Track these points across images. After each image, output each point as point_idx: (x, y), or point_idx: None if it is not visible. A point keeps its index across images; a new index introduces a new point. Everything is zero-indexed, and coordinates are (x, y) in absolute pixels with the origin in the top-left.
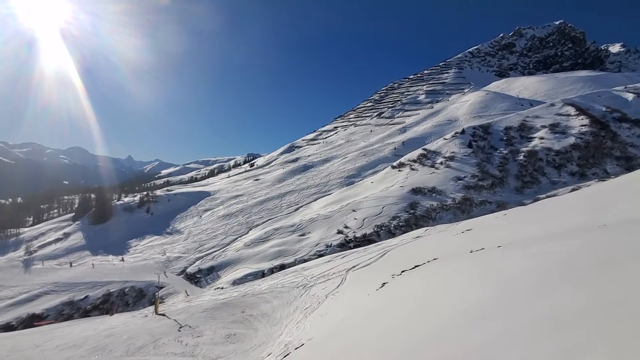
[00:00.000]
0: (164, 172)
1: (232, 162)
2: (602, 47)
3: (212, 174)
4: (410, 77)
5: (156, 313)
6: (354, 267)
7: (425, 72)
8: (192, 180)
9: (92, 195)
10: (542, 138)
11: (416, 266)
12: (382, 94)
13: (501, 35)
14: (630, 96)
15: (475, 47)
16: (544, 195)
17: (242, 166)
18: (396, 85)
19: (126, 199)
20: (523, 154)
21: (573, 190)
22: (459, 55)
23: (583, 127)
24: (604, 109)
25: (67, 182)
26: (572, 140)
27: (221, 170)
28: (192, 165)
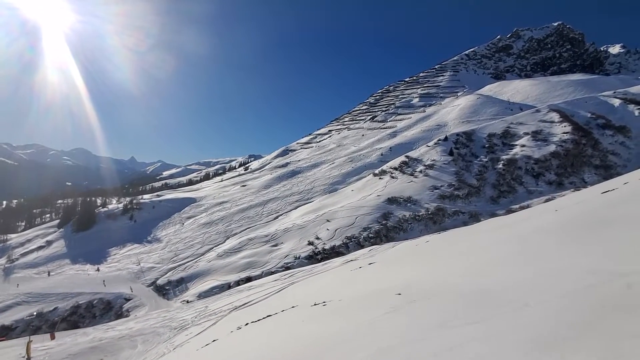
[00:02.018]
0: (166, 173)
1: (232, 164)
2: (602, 49)
3: (207, 177)
4: (407, 79)
5: (27, 357)
6: (244, 304)
7: (421, 74)
8: (190, 182)
9: (87, 200)
10: (523, 146)
11: (268, 316)
12: (378, 97)
13: (498, 37)
14: (617, 102)
15: (472, 49)
16: (517, 206)
17: (237, 169)
18: (392, 88)
19: (110, 206)
20: (502, 162)
21: (547, 200)
22: (455, 58)
23: (565, 134)
24: (589, 115)
25: (70, 184)
26: (552, 148)
27: (217, 173)
28: (193, 167)
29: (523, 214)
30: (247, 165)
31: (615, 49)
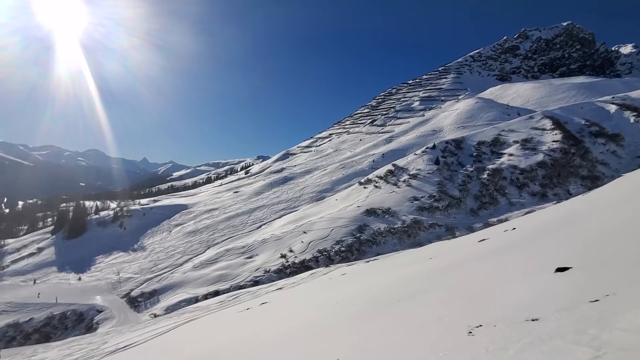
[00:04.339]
0: (176, 174)
1: (240, 165)
2: (613, 49)
3: (209, 180)
4: (409, 82)
5: None
6: (128, 345)
7: (424, 77)
8: (194, 185)
9: (80, 206)
10: (511, 155)
11: None
12: (380, 100)
13: (505, 38)
14: (613, 108)
15: (477, 51)
16: (495, 219)
17: (238, 173)
18: (394, 91)
19: (102, 213)
20: (488, 172)
21: (528, 213)
22: (460, 60)
23: (554, 143)
24: (583, 122)
25: (83, 184)
26: (540, 157)
27: (219, 176)
28: (202, 168)
29: (411, 255)
30: (248, 169)
31: (626, 49)
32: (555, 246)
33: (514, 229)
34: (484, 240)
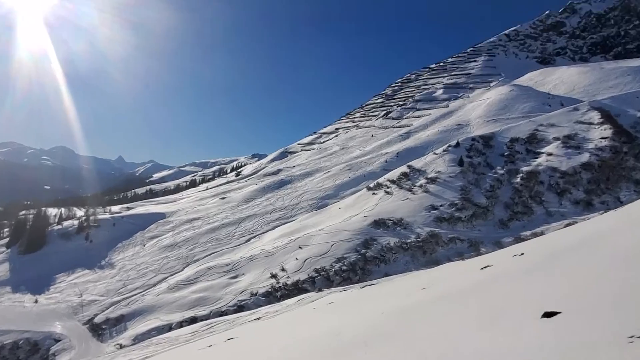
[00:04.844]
0: (156, 175)
1: (232, 165)
2: None
3: (193, 184)
4: (431, 66)
5: None
6: None
7: (449, 60)
8: (177, 188)
9: (40, 214)
10: (550, 154)
11: None
12: (396, 88)
13: (547, 12)
14: None
15: (513, 29)
16: (529, 233)
17: (228, 175)
18: (413, 77)
19: (65, 223)
20: (521, 175)
21: (568, 225)
22: (492, 39)
23: (603, 140)
24: (638, 114)
25: (48, 187)
26: (585, 157)
27: (204, 179)
28: (187, 168)
29: (405, 281)
30: (239, 170)
31: None
32: (559, 279)
33: (522, 254)
34: (487, 267)
